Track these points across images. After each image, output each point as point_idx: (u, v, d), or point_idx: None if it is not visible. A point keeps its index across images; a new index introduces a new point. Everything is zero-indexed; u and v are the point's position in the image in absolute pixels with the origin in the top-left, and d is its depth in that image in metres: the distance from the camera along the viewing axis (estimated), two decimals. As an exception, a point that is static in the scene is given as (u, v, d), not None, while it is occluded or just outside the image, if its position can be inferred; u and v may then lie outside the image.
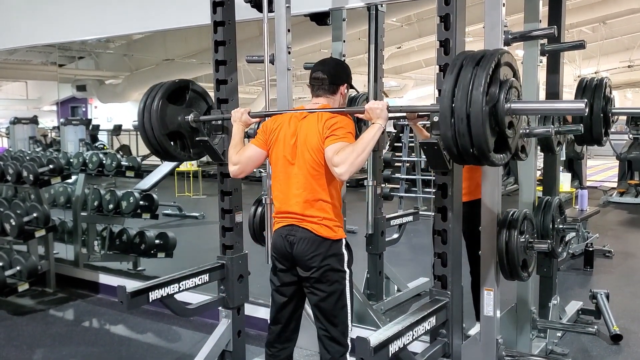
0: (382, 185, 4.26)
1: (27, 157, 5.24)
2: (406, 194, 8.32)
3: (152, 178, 7.42)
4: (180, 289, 2.90)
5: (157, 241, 5.27)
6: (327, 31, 3.94)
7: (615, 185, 9.98)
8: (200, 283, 3.02)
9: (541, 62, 3.29)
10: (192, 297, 3.36)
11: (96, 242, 5.49)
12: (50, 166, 4.97)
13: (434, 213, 2.47)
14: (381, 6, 3.95)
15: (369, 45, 4.02)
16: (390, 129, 9.13)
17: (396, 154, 8.64)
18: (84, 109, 13.30)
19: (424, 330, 2.30)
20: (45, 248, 5.04)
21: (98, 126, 11.31)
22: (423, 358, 2.34)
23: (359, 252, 2.65)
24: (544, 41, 3.31)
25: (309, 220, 2.38)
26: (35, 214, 4.77)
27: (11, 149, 7.40)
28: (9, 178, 5.03)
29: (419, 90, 18.94)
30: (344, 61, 3.42)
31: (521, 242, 2.57)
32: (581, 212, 6.00)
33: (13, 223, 4.65)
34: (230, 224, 3.14)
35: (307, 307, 2.69)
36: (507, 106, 1.99)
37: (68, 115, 11.59)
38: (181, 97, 3.02)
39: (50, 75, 10.77)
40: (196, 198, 10.29)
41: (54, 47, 7.41)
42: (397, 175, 8.41)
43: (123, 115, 13.37)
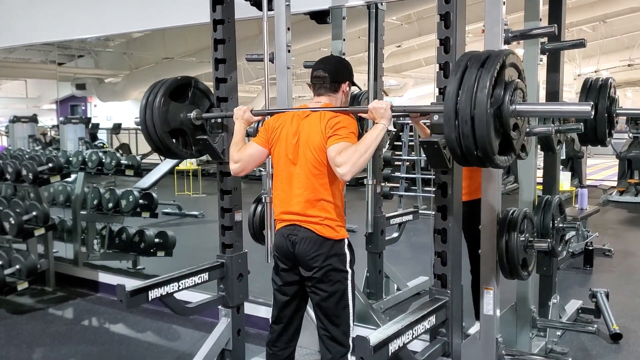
0: (382, 184, 4.26)
1: (27, 156, 5.23)
2: (406, 193, 8.33)
3: (152, 177, 7.41)
4: (179, 288, 2.90)
5: (157, 240, 5.26)
6: (327, 30, 3.93)
7: (615, 184, 9.98)
8: (199, 282, 3.01)
9: (541, 61, 3.29)
10: (192, 296, 3.36)
11: (96, 241, 5.49)
12: (49, 165, 4.96)
13: (434, 212, 2.47)
14: (381, 4, 3.95)
15: (369, 43, 4.01)
16: (390, 128, 9.11)
17: (396, 153, 8.63)
18: (84, 108, 13.27)
19: (424, 329, 2.29)
20: (44, 247, 5.04)
21: (97, 125, 11.27)
22: (423, 357, 2.33)
23: (359, 251, 2.64)
24: (544, 40, 3.31)
25: (311, 220, 2.36)
26: (34, 213, 4.77)
27: (10, 148, 7.39)
28: (9, 177, 5.02)
29: (419, 89, 18.89)
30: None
31: (521, 241, 2.56)
32: (581, 211, 5.99)
33: (12, 222, 4.65)
34: (230, 223, 3.14)
35: (308, 307, 2.69)
36: (512, 108, 1.97)
37: (67, 113, 11.56)
38: (184, 95, 3.00)
39: (49, 73, 10.74)
40: (196, 197, 10.28)
41: (54, 46, 7.39)
42: (397, 174, 8.40)
43: (123, 113, 13.36)
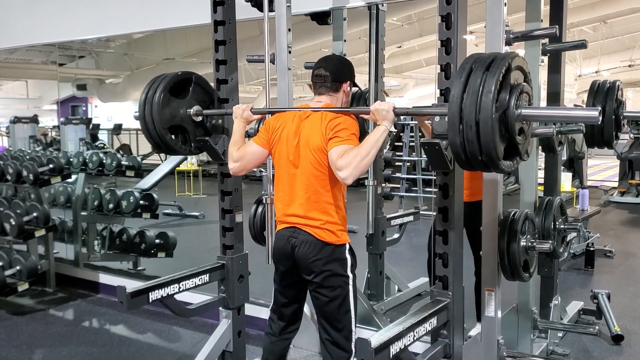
0: (383, 184, 4.24)
1: (27, 157, 5.23)
2: (407, 194, 8.32)
3: (153, 177, 7.42)
4: (180, 289, 2.89)
5: (157, 241, 5.26)
6: (328, 30, 3.93)
7: (616, 184, 9.98)
8: (200, 283, 3.00)
9: (542, 62, 3.28)
10: (193, 297, 3.35)
11: (96, 242, 5.49)
12: (50, 165, 4.95)
13: (435, 213, 2.46)
14: (382, 5, 3.94)
15: (370, 44, 4.00)
16: (391, 129, 9.10)
17: (397, 154, 8.62)
18: (84, 108, 13.26)
19: (425, 331, 2.28)
20: (45, 248, 5.04)
21: (98, 125, 11.29)
22: (424, 359, 2.33)
23: (360, 252, 2.63)
24: (545, 41, 3.30)
25: (312, 224, 2.33)
26: (35, 214, 4.76)
27: (11, 148, 7.40)
28: (9, 177, 5.02)
29: (420, 89, 18.88)
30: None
31: (522, 243, 2.56)
32: (582, 212, 6.00)
33: (13, 222, 4.64)
34: (230, 224, 3.13)
35: (307, 307, 2.68)
36: (518, 112, 1.92)
37: (68, 114, 11.54)
38: (184, 90, 2.94)
39: (50, 74, 10.74)
40: (196, 197, 10.28)
41: (54, 46, 7.39)
42: (398, 174, 8.39)
43: (123, 114, 13.36)
